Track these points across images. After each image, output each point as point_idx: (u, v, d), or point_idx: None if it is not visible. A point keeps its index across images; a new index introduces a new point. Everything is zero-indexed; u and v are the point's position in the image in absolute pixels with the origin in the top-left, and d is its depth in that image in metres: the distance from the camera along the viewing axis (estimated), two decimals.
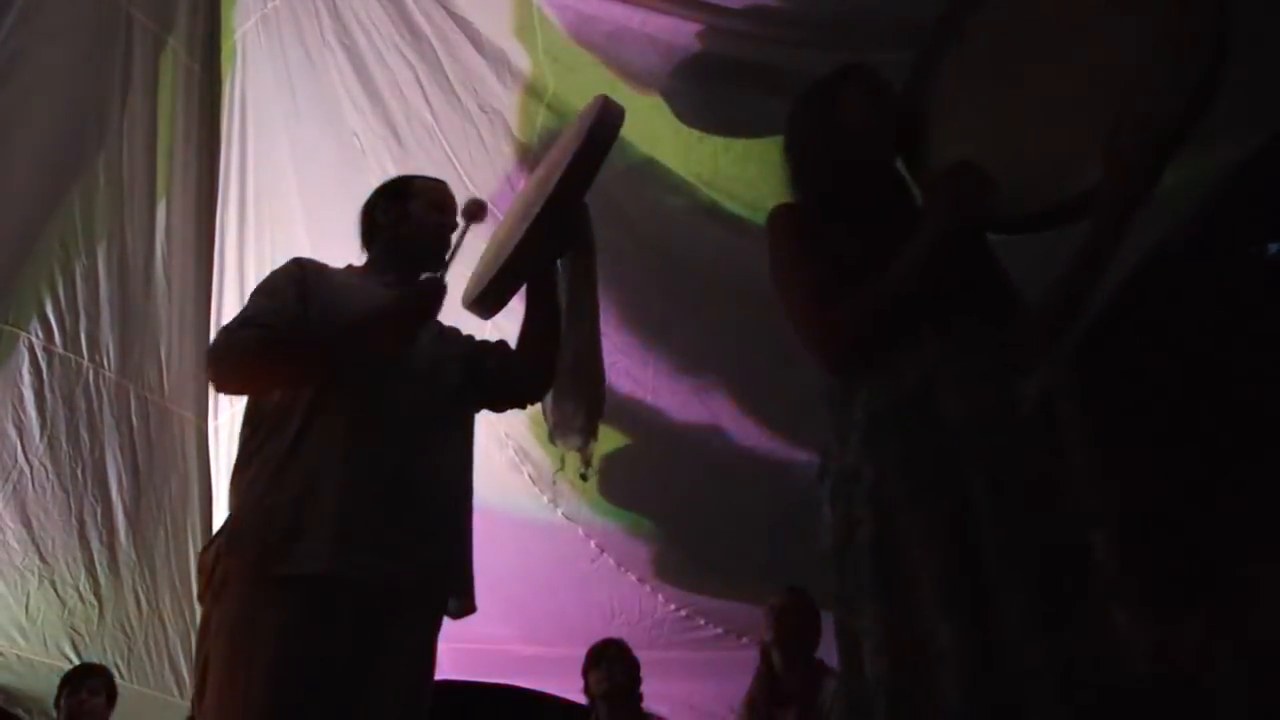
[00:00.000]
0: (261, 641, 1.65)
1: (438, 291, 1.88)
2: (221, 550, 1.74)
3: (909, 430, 1.43)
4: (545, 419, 2.12)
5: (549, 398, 2.09)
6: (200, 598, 1.80)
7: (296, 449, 1.76)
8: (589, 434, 2.02)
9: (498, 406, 2.10)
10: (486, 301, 2.04)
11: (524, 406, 2.08)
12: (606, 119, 2.01)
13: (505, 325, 2.19)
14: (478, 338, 2.16)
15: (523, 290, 2.10)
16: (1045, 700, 1.26)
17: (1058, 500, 1.39)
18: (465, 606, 1.90)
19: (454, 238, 2.03)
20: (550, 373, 2.04)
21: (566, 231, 2.03)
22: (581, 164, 1.99)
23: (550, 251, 2.04)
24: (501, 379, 2.03)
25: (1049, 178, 1.49)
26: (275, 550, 1.69)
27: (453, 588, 1.88)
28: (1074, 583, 1.33)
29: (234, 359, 1.82)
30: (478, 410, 2.07)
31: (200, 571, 1.79)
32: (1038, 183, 1.50)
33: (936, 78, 1.69)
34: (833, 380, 1.56)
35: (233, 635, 1.68)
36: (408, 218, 2.03)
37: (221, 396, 4.01)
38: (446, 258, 1.97)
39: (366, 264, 2.07)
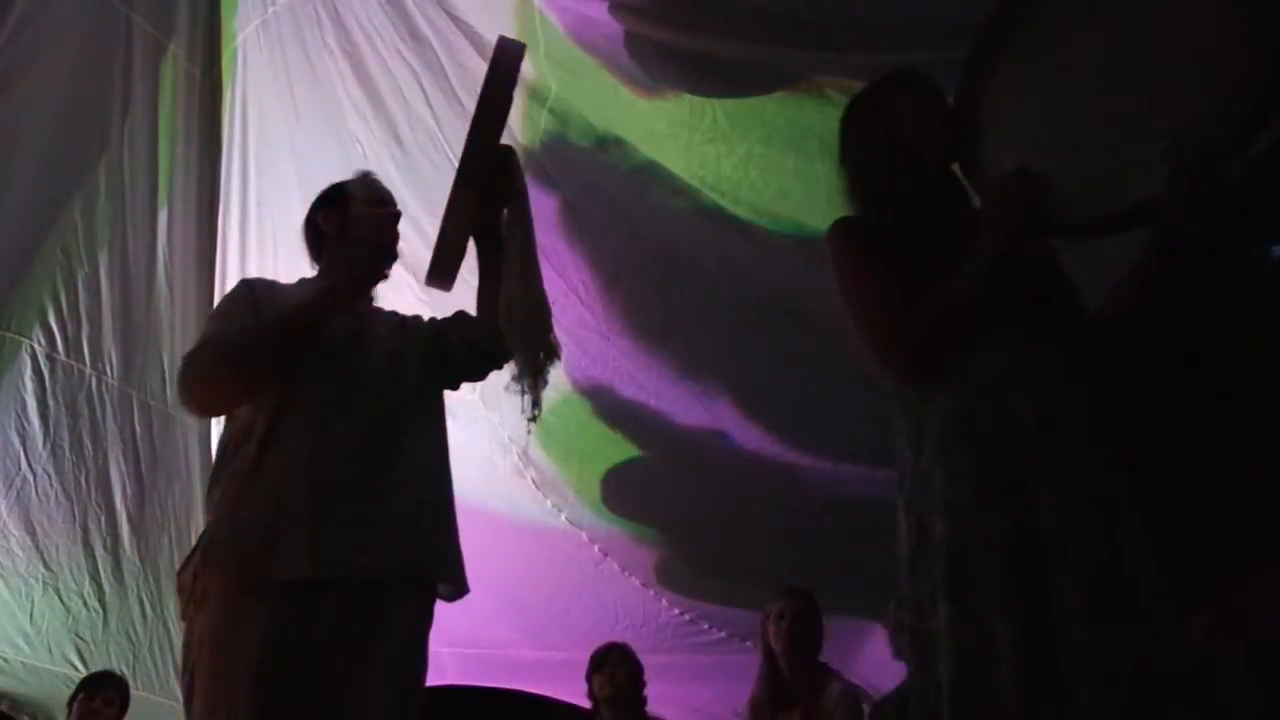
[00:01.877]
0: (244, 651, 1.66)
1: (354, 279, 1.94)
2: (198, 566, 1.75)
3: (979, 436, 1.45)
4: None
5: None
6: (183, 615, 1.81)
7: (263, 458, 1.78)
8: (530, 376, 1.96)
9: (473, 376, 2.11)
10: (437, 272, 2.02)
11: (500, 366, 2.06)
12: (501, 58, 1.98)
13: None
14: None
15: None
16: (1092, 698, 1.27)
17: (1123, 500, 1.39)
18: (457, 591, 1.90)
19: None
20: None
21: (491, 181, 2.00)
22: (485, 108, 1.96)
23: (483, 205, 2.01)
24: (466, 349, 2.04)
25: (1111, 184, 1.47)
26: (252, 561, 1.70)
27: (440, 574, 1.88)
28: (1134, 581, 1.34)
29: (198, 379, 1.85)
30: (454, 386, 2.09)
31: (180, 590, 1.80)
32: (1099, 189, 1.48)
33: (992, 82, 1.66)
34: (906, 388, 1.56)
35: (216, 647, 1.69)
36: (352, 219, 2.04)
37: None
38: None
39: (318, 275, 2.09)
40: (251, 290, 1.97)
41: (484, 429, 3.65)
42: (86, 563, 3.59)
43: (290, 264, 2.98)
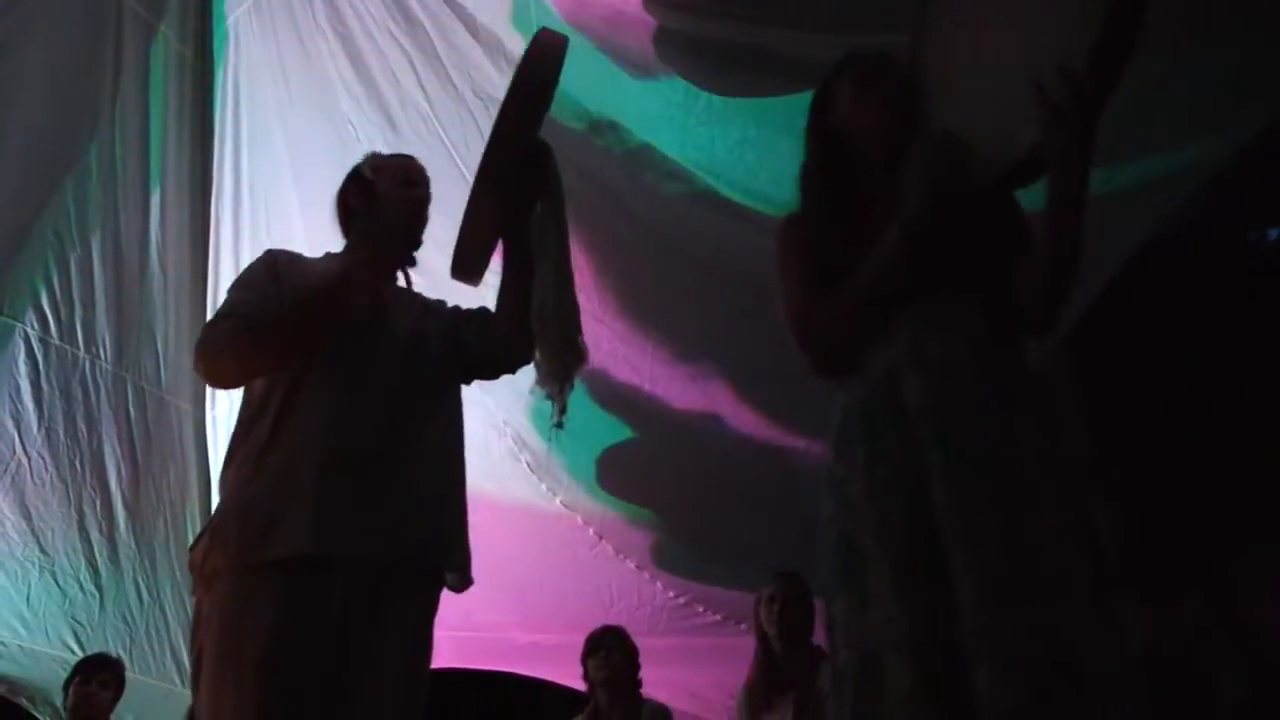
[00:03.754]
0: (251, 630, 1.66)
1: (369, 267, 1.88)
2: (208, 545, 1.75)
3: (875, 427, 1.44)
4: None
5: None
6: (194, 593, 1.81)
7: (276, 436, 1.76)
8: (558, 381, 1.89)
9: (486, 375, 2.06)
10: (463, 266, 1.95)
11: (514, 370, 2.01)
12: (537, 50, 1.89)
13: None
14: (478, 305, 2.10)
15: None
16: (991, 681, 1.25)
17: (1028, 479, 1.36)
18: (463, 580, 1.89)
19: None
20: (530, 332, 1.94)
21: (521, 176, 1.91)
22: (514, 101, 1.88)
23: (514, 201, 1.93)
24: (482, 348, 1.99)
25: (1013, 135, 1.44)
26: (258, 538, 1.69)
27: (447, 562, 1.87)
28: (1040, 560, 1.31)
29: (219, 350, 1.83)
30: (467, 382, 2.04)
31: (190, 567, 1.80)
32: (1008, 141, 1.45)
33: (924, 49, 1.64)
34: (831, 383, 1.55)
35: (223, 625, 1.69)
36: (377, 197, 2.01)
37: None
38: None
39: (344, 250, 2.05)
40: (275, 260, 1.94)
41: (479, 413, 3.65)
42: (82, 546, 3.60)
43: (283, 244, 2.96)
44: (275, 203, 4.15)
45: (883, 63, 1.64)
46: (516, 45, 3.34)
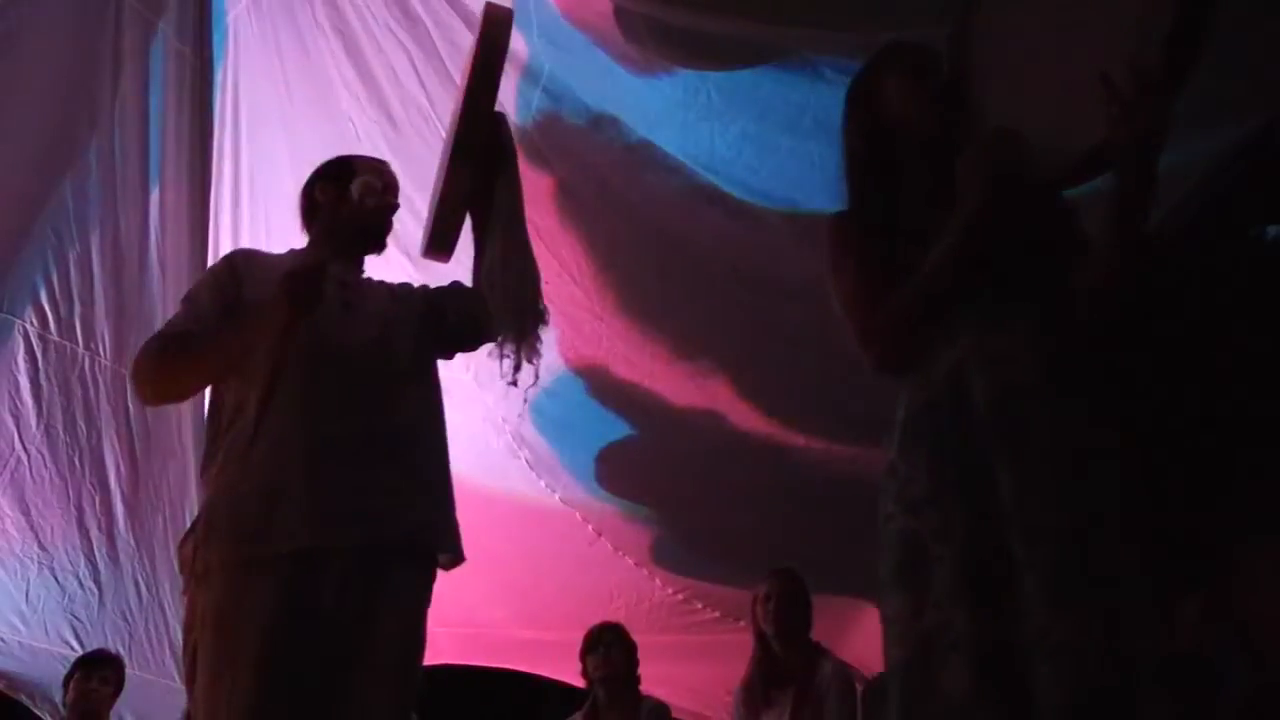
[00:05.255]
0: (246, 626, 1.66)
1: (310, 273, 1.83)
2: (199, 542, 1.75)
3: (939, 425, 1.43)
4: None
5: None
6: (185, 590, 1.82)
7: (260, 432, 1.77)
8: (514, 341, 1.96)
9: (466, 346, 2.09)
10: (435, 244, 2.01)
11: (493, 338, 2.03)
12: (490, 25, 1.98)
13: None
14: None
15: None
16: (1054, 680, 1.25)
17: (1093, 471, 1.35)
18: (454, 559, 1.91)
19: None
20: None
21: (486, 149, 1.99)
22: (477, 77, 1.96)
23: (479, 174, 1.99)
24: (463, 322, 2.03)
25: (1072, 133, 1.42)
26: (253, 534, 1.70)
27: (439, 543, 1.88)
28: (1106, 556, 1.30)
29: (141, 374, 1.87)
30: (449, 356, 2.07)
31: (181, 564, 1.81)
32: (1066, 140, 1.43)
33: (973, 45, 1.61)
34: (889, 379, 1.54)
35: (218, 622, 1.69)
36: (347, 198, 2.02)
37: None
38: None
39: (307, 246, 2.07)
40: (231, 267, 1.96)
41: (478, 409, 3.65)
42: (81, 543, 3.60)
43: (283, 244, 2.96)
44: (274, 200, 4.15)
45: (931, 54, 1.62)
46: (516, 42, 3.34)
